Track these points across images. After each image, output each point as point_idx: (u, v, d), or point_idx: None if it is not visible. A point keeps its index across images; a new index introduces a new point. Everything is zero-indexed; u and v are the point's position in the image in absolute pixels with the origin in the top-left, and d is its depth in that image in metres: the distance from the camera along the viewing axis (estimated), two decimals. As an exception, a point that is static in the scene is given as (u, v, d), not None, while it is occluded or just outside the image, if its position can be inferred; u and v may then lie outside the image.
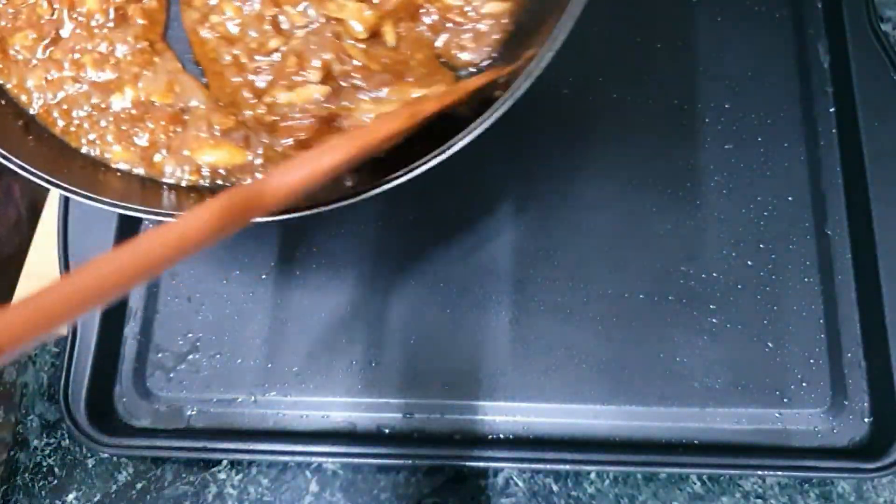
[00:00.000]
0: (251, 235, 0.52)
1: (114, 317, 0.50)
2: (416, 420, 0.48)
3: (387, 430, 0.48)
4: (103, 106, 0.43)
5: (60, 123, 0.43)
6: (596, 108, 0.54)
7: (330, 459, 0.47)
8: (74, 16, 0.44)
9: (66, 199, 0.52)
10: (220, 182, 0.42)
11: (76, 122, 0.43)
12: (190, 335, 0.50)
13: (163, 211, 0.39)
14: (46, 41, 0.44)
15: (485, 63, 0.43)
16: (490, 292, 0.50)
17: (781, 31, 0.56)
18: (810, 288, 0.49)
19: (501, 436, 0.47)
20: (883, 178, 0.50)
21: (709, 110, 0.54)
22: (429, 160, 0.38)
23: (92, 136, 0.43)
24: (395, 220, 0.52)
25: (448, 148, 0.38)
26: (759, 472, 0.45)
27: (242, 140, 0.41)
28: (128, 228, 0.52)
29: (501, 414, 0.47)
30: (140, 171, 0.42)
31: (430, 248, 0.51)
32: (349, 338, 0.49)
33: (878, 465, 0.44)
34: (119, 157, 0.43)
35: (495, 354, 0.49)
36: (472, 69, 0.44)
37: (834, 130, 0.53)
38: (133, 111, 0.43)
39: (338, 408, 0.48)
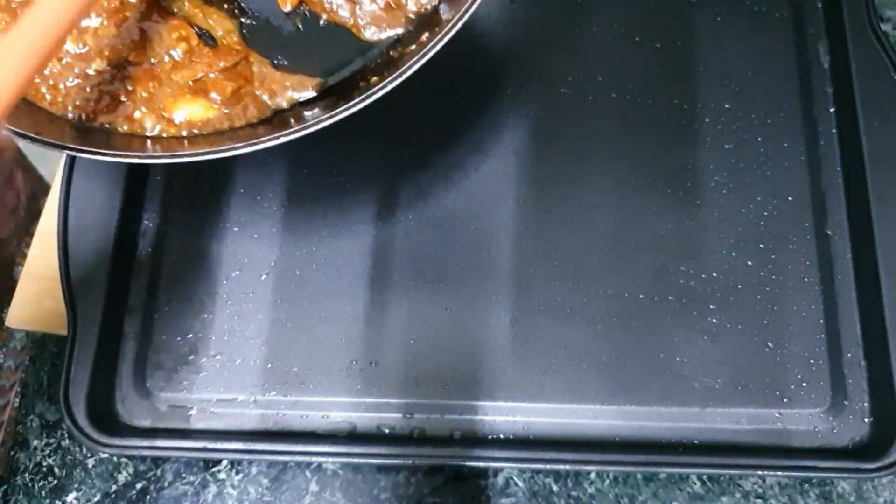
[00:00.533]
0: (251, 235, 0.52)
1: (114, 317, 0.50)
2: (416, 420, 0.48)
3: (387, 430, 0.48)
4: (87, 73, 0.44)
5: (48, 97, 0.44)
6: (596, 108, 0.54)
7: (330, 459, 0.47)
8: None
9: (66, 200, 0.52)
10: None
11: (62, 92, 0.44)
12: (190, 335, 0.50)
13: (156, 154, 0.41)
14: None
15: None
16: (490, 292, 0.50)
17: (781, 32, 0.56)
18: (810, 288, 0.49)
19: (501, 436, 0.47)
20: (883, 178, 0.50)
21: (709, 110, 0.54)
22: (385, 85, 0.40)
23: (78, 102, 0.44)
24: (395, 220, 0.52)
25: (405, 72, 0.41)
26: (759, 472, 0.45)
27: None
28: (128, 228, 0.52)
29: (501, 414, 0.47)
30: (124, 128, 0.44)
31: (431, 248, 0.51)
32: (349, 338, 0.49)
33: (878, 464, 0.44)
34: (105, 119, 0.44)
35: (495, 354, 0.49)
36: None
37: (834, 130, 0.53)
38: (112, 72, 0.44)
39: (338, 408, 0.48)
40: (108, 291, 0.50)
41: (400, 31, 0.45)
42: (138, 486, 0.49)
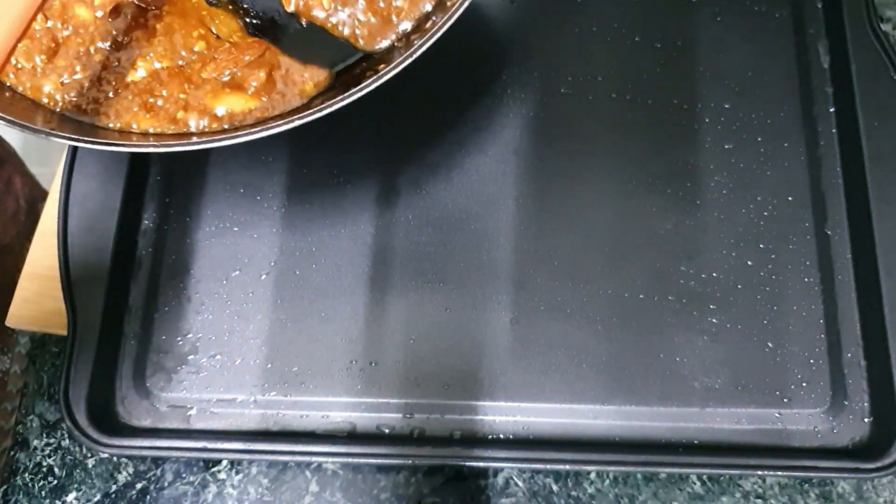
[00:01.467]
0: (251, 235, 0.52)
1: (114, 317, 0.50)
2: (416, 420, 0.48)
3: (387, 430, 0.48)
4: (126, 82, 0.46)
5: (90, 109, 0.45)
6: (596, 108, 0.54)
7: (330, 459, 0.47)
8: (69, 27, 0.46)
9: (66, 200, 0.52)
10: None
11: (102, 103, 0.46)
12: (190, 335, 0.50)
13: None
14: (44, 54, 0.45)
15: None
16: (490, 292, 0.50)
17: (781, 32, 0.56)
18: (810, 288, 0.49)
19: (501, 436, 0.47)
20: (883, 178, 0.50)
21: (709, 110, 0.54)
22: (395, 67, 0.41)
23: (115, 108, 0.46)
24: (396, 220, 0.52)
25: (414, 52, 0.41)
26: (759, 472, 0.45)
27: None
28: (128, 228, 0.52)
29: (501, 414, 0.47)
30: (171, 129, 0.45)
31: (431, 248, 0.51)
32: (349, 338, 0.49)
33: (878, 464, 0.44)
34: (147, 123, 0.45)
35: (495, 354, 0.49)
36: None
37: (834, 130, 0.53)
38: (148, 80, 0.46)
39: (338, 408, 0.48)
40: (108, 291, 0.50)
41: (394, 37, 0.46)
42: (138, 486, 0.49)
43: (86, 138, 0.42)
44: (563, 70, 0.56)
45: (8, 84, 0.46)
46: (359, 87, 0.41)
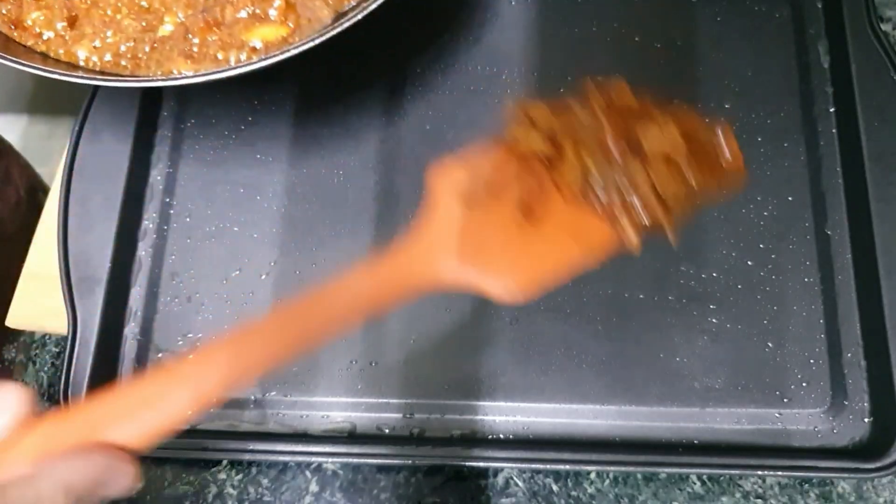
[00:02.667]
0: (251, 235, 0.52)
1: (114, 317, 0.50)
2: (416, 420, 0.48)
3: (387, 430, 0.48)
4: (156, 41, 0.48)
5: (130, 66, 0.47)
6: (596, 108, 0.54)
7: (330, 459, 0.47)
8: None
9: (67, 199, 0.52)
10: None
11: (143, 59, 0.48)
12: (190, 335, 0.50)
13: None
14: (64, 21, 0.48)
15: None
16: (490, 292, 0.50)
17: (781, 31, 0.56)
18: (810, 288, 0.49)
19: (501, 436, 0.47)
20: (883, 178, 0.50)
21: (709, 110, 0.54)
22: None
23: (155, 59, 0.48)
24: (396, 220, 0.52)
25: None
26: (759, 472, 0.45)
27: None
28: (128, 228, 0.52)
29: (501, 414, 0.47)
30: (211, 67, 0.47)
31: (430, 248, 0.51)
32: (349, 338, 0.49)
33: (878, 464, 0.44)
34: (188, 68, 0.47)
35: (495, 354, 0.49)
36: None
37: (834, 130, 0.53)
38: (178, 32, 0.48)
39: (338, 408, 0.48)
40: (109, 291, 0.50)
41: None
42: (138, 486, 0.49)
43: (129, 77, 0.45)
44: (563, 70, 0.56)
45: (40, 51, 0.48)
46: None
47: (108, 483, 0.28)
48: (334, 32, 0.44)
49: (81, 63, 0.47)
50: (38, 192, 0.64)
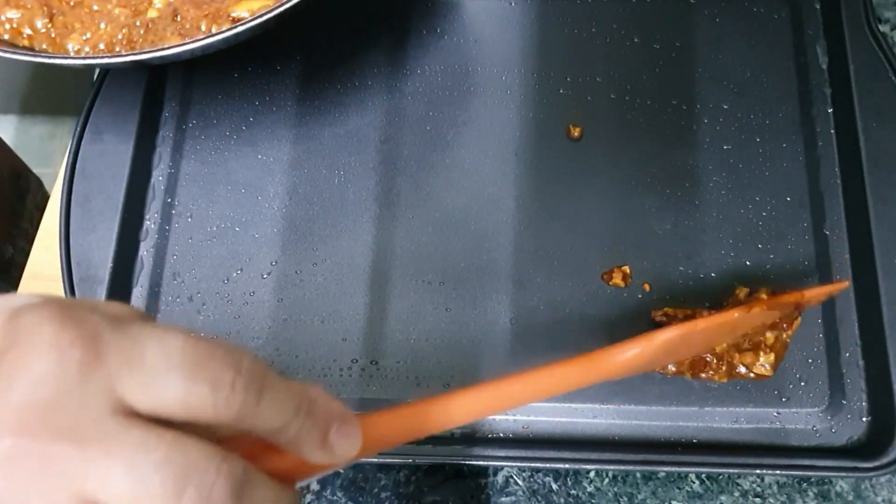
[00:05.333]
0: (252, 235, 0.52)
1: (115, 316, 0.50)
2: (417, 419, 0.48)
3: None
4: (149, 23, 0.49)
5: (124, 50, 0.48)
6: (595, 108, 0.55)
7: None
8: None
9: (69, 199, 0.52)
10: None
11: (139, 41, 0.48)
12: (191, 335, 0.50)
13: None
14: (45, 17, 0.49)
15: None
16: (490, 292, 0.50)
17: (780, 32, 0.56)
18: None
19: (501, 434, 0.47)
20: (881, 179, 0.50)
21: (707, 111, 0.54)
22: None
23: (150, 39, 0.49)
24: (396, 220, 0.52)
25: None
26: (758, 471, 0.45)
27: None
28: (130, 228, 0.52)
29: (501, 413, 0.48)
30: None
31: (431, 248, 0.51)
32: (350, 337, 0.50)
33: (877, 463, 0.45)
34: (176, 40, 0.48)
35: (495, 354, 0.49)
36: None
37: (832, 131, 0.53)
38: (168, 10, 0.49)
39: (338, 407, 0.48)
40: (110, 291, 0.50)
41: None
42: None
43: (117, 54, 0.46)
44: (562, 70, 0.56)
45: (26, 45, 0.48)
46: None
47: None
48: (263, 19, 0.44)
49: (72, 54, 0.48)
50: (21, 175, 0.64)
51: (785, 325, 0.46)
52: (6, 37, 0.48)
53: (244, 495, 0.23)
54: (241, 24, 0.44)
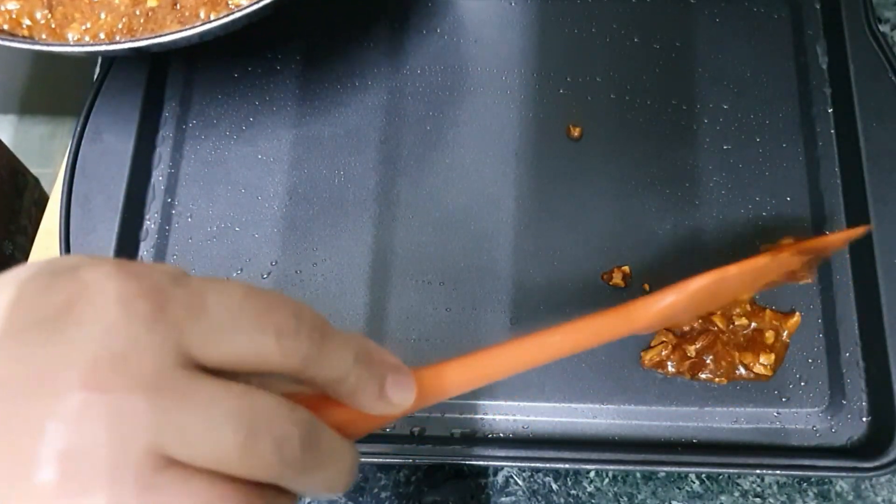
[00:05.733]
0: (252, 235, 0.52)
1: (116, 316, 0.50)
2: (417, 419, 0.48)
3: (387, 429, 0.48)
4: (149, 12, 0.49)
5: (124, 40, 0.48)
6: (595, 108, 0.55)
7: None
8: None
9: (69, 199, 0.52)
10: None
11: (139, 30, 0.49)
12: (191, 335, 0.50)
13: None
14: (45, 9, 0.49)
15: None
16: (490, 292, 0.50)
17: (780, 32, 0.56)
18: (808, 287, 0.49)
19: (501, 434, 0.47)
20: (881, 179, 0.50)
21: (707, 111, 0.54)
22: None
23: (151, 28, 0.49)
24: (396, 220, 0.52)
25: None
26: (758, 471, 0.45)
27: None
28: (130, 229, 0.52)
29: (501, 413, 0.48)
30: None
31: (431, 248, 0.51)
32: (350, 337, 0.50)
33: (877, 463, 0.45)
34: (176, 26, 0.48)
35: (495, 354, 0.49)
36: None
37: (832, 131, 0.53)
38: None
39: (338, 407, 0.48)
40: (110, 291, 0.50)
41: None
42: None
43: (115, 42, 0.46)
44: (562, 70, 0.56)
45: (26, 35, 0.48)
46: None
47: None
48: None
49: (72, 43, 0.48)
50: (18, 173, 0.64)
51: (781, 317, 0.46)
52: (5, 27, 0.48)
53: (313, 445, 0.23)
54: (239, 11, 0.44)
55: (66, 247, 0.51)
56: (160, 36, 0.44)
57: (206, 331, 0.23)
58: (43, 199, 0.74)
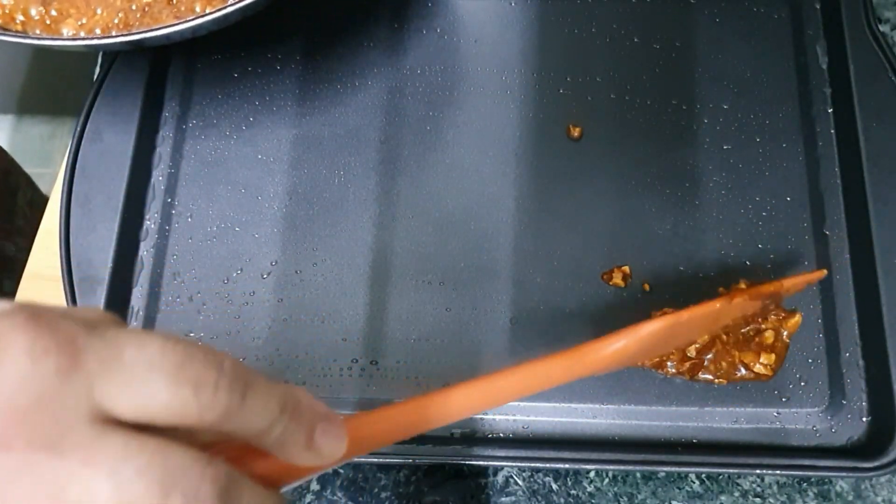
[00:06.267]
0: (252, 235, 0.52)
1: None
2: (417, 419, 0.48)
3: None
4: (145, 7, 0.49)
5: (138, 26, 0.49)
6: (595, 108, 0.55)
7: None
8: None
9: (69, 199, 0.52)
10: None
11: (135, 25, 0.49)
12: (191, 335, 0.51)
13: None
14: (40, 6, 0.49)
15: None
16: (490, 292, 0.50)
17: (780, 32, 0.56)
18: (808, 288, 0.49)
19: (501, 434, 0.47)
20: (881, 179, 0.50)
21: (707, 111, 0.54)
22: None
23: (147, 23, 0.49)
24: (396, 220, 0.52)
25: None
26: (758, 471, 0.45)
27: None
28: (130, 228, 0.52)
29: (501, 413, 0.48)
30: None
31: (431, 248, 0.51)
32: (350, 337, 0.50)
33: (877, 463, 0.45)
34: (171, 20, 0.48)
35: (495, 354, 0.49)
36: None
37: (832, 131, 0.53)
38: None
39: (338, 407, 0.48)
40: (110, 292, 0.50)
41: None
42: None
43: (113, 35, 0.46)
44: (562, 70, 0.56)
45: (19, 30, 0.48)
46: None
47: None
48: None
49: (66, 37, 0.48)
50: (10, 172, 0.64)
51: (781, 317, 0.46)
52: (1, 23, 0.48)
53: (230, 499, 0.23)
54: (231, 5, 0.44)
55: (66, 247, 0.51)
56: (153, 30, 0.44)
57: (120, 383, 0.22)
58: (37, 200, 0.74)
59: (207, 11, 0.45)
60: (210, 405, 0.23)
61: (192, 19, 0.44)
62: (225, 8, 0.44)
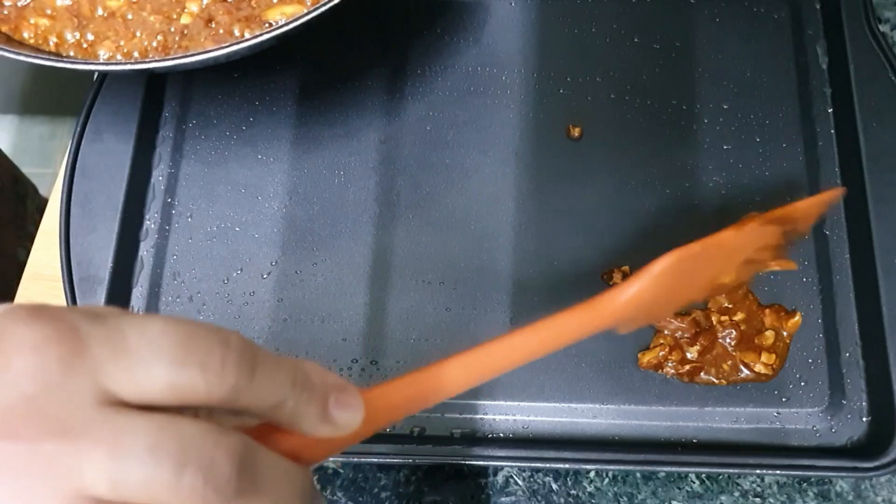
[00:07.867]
0: (252, 235, 0.52)
1: (116, 316, 0.50)
2: (417, 419, 0.48)
3: (387, 429, 0.48)
4: (184, 29, 0.49)
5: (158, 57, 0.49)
6: (595, 108, 0.55)
7: (330, 458, 0.48)
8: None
9: (69, 199, 0.52)
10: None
11: (174, 48, 0.49)
12: (191, 335, 0.50)
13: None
14: (76, 30, 0.49)
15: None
16: (490, 292, 0.50)
17: (780, 32, 0.56)
18: (808, 288, 0.49)
19: (501, 434, 0.47)
20: (881, 179, 0.50)
21: (707, 111, 0.54)
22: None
23: (185, 45, 0.49)
24: (396, 220, 0.52)
25: None
26: (758, 471, 0.45)
27: None
28: (130, 229, 0.52)
29: (501, 413, 0.48)
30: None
31: (431, 248, 0.51)
32: (349, 338, 0.50)
33: (877, 463, 0.45)
34: (210, 43, 0.49)
35: (495, 354, 0.49)
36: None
37: (832, 131, 0.53)
38: (202, 15, 0.50)
39: (338, 407, 0.48)
40: (110, 292, 0.50)
41: None
42: None
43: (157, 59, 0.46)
44: (562, 70, 0.56)
45: (53, 51, 0.49)
46: None
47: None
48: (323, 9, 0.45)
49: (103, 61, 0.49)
50: (18, 180, 0.64)
51: (782, 317, 0.46)
52: (31, 41, 0.48)
53: (247, 470, 0.22)
54: (276, 29, 0.44)
55: (66, 247, 0.51)
56: (194, 55, 0.44)
57: (125, 368, 0.22)
58: (44, 206, 0.74)
59: (246, 36, 0.45)
60: (218, 382, 0.23)
61: (235, 43, 0.44)
62: (263, 34, 0.44)
